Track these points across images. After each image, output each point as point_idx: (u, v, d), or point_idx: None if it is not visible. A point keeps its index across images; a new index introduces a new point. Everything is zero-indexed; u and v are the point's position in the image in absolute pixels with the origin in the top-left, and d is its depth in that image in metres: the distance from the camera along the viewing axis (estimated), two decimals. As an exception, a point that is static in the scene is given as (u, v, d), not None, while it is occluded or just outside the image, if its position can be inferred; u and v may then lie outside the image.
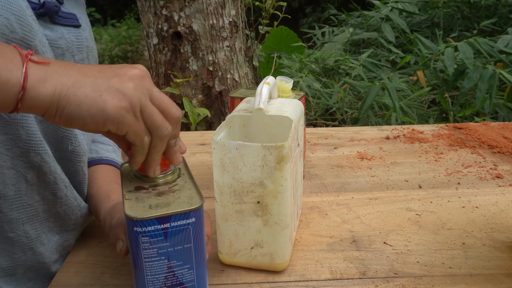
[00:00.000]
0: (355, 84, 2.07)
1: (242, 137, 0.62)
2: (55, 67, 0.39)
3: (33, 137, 0.51)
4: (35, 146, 0.51)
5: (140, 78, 0.42)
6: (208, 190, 0.80)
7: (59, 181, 0.55)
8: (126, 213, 0.42)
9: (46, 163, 0.53)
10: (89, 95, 0.39)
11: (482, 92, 1.78)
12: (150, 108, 0.42)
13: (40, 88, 0.37)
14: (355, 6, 3.71)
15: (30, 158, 0.51)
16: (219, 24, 1.75)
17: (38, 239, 0.54)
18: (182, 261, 0.44)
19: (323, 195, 0.77)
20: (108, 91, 0.39)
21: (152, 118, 0.42)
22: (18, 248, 0.52)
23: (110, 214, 0.55)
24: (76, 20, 0.59)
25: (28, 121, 0.50)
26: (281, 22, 2.08)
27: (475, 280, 0.53)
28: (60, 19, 0.56)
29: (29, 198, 0.52)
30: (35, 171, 0.52)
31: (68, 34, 0.57)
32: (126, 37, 6.82)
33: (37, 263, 0.55)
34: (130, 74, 0.42)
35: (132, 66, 0.44)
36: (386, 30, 2.57)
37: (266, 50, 2.93)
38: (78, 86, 0.39)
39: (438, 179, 0.82)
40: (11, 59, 0.37)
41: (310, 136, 1.09)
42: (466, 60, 1.86)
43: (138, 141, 0.42)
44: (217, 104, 1.82)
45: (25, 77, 0.37)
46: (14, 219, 0.51)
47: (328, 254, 0.59)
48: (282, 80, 0.70)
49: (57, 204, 0.56)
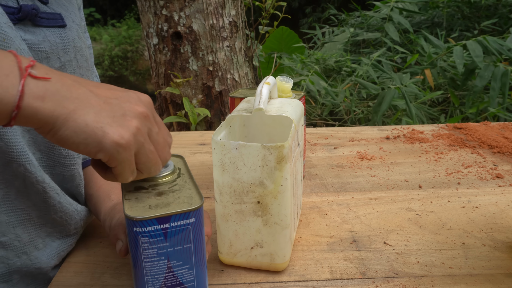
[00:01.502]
0: (366, 84, 2.05)
1: (242, 137, 0.62)
2: (57, 85, 0.37)
3: (13, 148, 0.49)
4: (17, 157, 0.49)
5: (145, 118, 0.41)
6: (208, 190, 0.80)
7: (49, 189, 0.54)
8: (126, 213, 0.42)
9: (31, 173, 0.51)
10: (89, 125, 0.37)
11: (496, 91, 1.76)
12: (146, 149, 0.42)
13: (36, 106, 0.35)
14: (355, 6, 3.71)
15: (14, 169, 0.50)
16: (219, 24, 1.75)
17: (31, 243, 0.54)
18: (182, 261, 0.44)
19: (323, 195, 0.77)
20: (110, 125, 0.38)
21: (145, 158, 0.42)
22: (12, 253, 0.52)
23: (110, 214, 0.55)
24: (61, 20, 0.56)
25: (8, 133, 0.48)
26: (281, 22, 2.08)
27: (475, 280, 0.53)
28: (42, 20, 0.54)
29: (20, 202, 0.52)
30: (21, 180, 0.51)
31: (51, 36, 0.54)
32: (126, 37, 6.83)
33: (34, 268, 0.54)
34: (136, 111, 0.41)
35: (138, 99, 0.42)
36: (390, 30, 2.56)
37: (267, 50, 2.93)
38: (80, 114, 0.37)
39: (438, 179, 0.82)
40: (7, 74, 0.35)
41: (310, 136, 1.09)
42: (476, 58, 1.85)
43: (122, 178, 0.42)
44: (217, 104, 1.82)
45: (21, 95, 0.35)
46: (4, 222, 0.50)
47: (328, 254, 0.59)
48: (282, 80, 0.70)
49: (51, 211, 0.55)
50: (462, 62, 1.94)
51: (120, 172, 0.41)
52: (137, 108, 0.41)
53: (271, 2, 1.94)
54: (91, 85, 0.41)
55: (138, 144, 0.40)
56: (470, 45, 1.91)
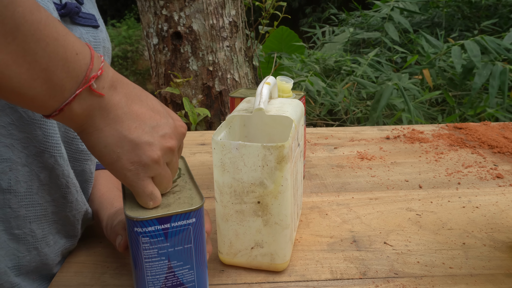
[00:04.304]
0: (365, 83, 2.05)
1: (242, 137, 0.62)
2: (104, 103, 0.39)
3: (49, 138, 0.51)
4: (50, 148, 0.51)
5: (169, 151, 0.43)
6: (208, 190, 0.80)
7: (71, 185, 0.55)
8: (127, 214, 0.42)
9: (60, 166, 0.53)
10: (108, 147, 0.40)
11: (495, 89, 1.76)
12: (162, 176, 0.43)
13: (76, 113, 0.38)
14: (355, 6, 3.71)
15: (44, 159, 0.51)
16: (219, 24, 1.75)
17: (44, 239, 0.54)
18: (182, 261, 0.44)
19: (323, 195, 0.77)
20: (129, 151, 0.40)
21: (159, 184, 0.44)
22: (23, 247, 0.52)
23: (111, 219, 0.55)
24: (95, 20, 0.59)
25: (47, 123, 0.50)
26: (281, 22, 2.08)
27: (475, 280, 0.53)
28: (80, 19, 0.56)
29: (40, 197, 0.52)
30: (48, 172, 0.52)
31: (86, 35, 0.57)
32: (126, 37, 6.82)
33: (41, 264, 0.55)
34: (164, 145, 0.42)
35: (173, 132, 0.44)
36: (390, 30, 2.56)
37: (267, 50, 2.93)
38: (104, 135, 0.40)
39: (438, 179, 0.82)
40: (71, 77, 0.37)
41: (310, 136, 1.09)
42: (474, 58, 1.85)
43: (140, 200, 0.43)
44: (217, 104, 1.82)
45: (68, 103, 0.37)
46: (22, 216, 0.51)
47: (329, 254, 0.59)
48: (282, 80, 0.70)
49: (67, 208, 0.56)
50: (460, 62, 1.94)
51: (136, 194, 0.43)
52: (167, 141, 0.43)
53: (271, 2, 1.94)
54: (139, 105, 0.42)
55: (153, 173, 0.42)
56: (468, 44, 1.91)
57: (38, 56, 0.34)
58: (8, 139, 0.47)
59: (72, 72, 0.36)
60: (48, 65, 0.35)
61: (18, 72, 0.34)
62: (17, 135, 0.48)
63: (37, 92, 0.35)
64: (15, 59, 0.33)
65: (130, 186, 0.42)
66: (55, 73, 0.35)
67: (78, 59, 0.37)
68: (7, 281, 0.50)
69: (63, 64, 0.36)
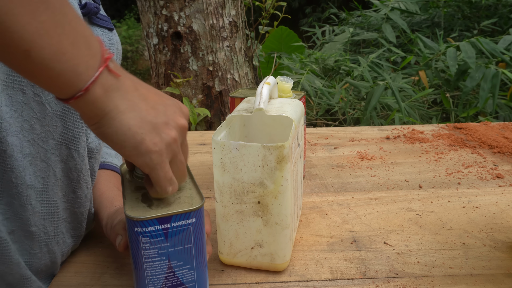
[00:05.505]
0: (357, 84, 2.06)
1: (242, 137, 0.62)
2: (120, 84, 0.39)
3: (68, 131, 0.52)
4: (67, 140, 0.52)
5: (182, 130, 0.43)
6: (208, 190, 0.80)
7: (82, 180, 0.56)
8: (127, 214, 0.42)
9: (73, 159, 0.53)
10: (131, 129, 0.39)
11: (485, 92, 1.77)
12: (178, 159, 0.43)
13: (99, 96, 0.37)
14: (356, 5, 3.71)
15: (61, 152, 0.52)
16: (219, 24, 1.75)
17: (55, 237, 0.54)
18: (182, 261, 0.44)
19: (323, 195, 0.77)
20: (150, 132, 0.40)
21: (176, 168, 0.44)
22: (36, 244, 0.52)
23: (111, 218, 0.55)
24: (110, 23, 0.60)
25: (69, 115, 0.51)
26: (281, 22, 2.08)
27: (475, 280, 0.53)
28: (97, 20, 0.57)
29: (54, 194, 0.53)
30: (62, 165, 0.53)
31: (102, 36, 0.57)
32: (126, 37, 6.82)
33: (50, 262, 0.55)
34: (177, 123, 0.43)
35: (181, 111, 0.44)
36: (387, 30, 2.56)
37: (266, 50, 2.93)
38: (127, 116, 0.39)
39: (438, 179, 0.82)
40: (92, 56, 0.36)
41: (310, 136, 1.09)
42: (468, 59, 1.86)
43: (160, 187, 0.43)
44: (217, 104, 1.82)
45: (94, 80, 0.36)
46: (38, 212, 0.51)
47: (329, 254, 0.59)
48: (282, 80, 0.70)
49: (76, 203, 0.56)
50: (455, 64, 1.95)
51: (156, 180, 0.42)
52: (179, 119, 0.43)
53: (271, 2, 1.94)
54: (144, 88, 0.43)
55: (172, 153, 0.42)
56: (463, 46, 1.91)
57: (66, 30, 0.34)
58: (30, 134, 0.48)
59: (92, 50, 0.36)
60: (74, 40, 0.35)
61: (49, 43, 0.33)
62: (38, 129, 0.48)
63: (65, 68, 0.35)
64: (47, 29, 0.33)
65: (153, 171, 0.41)
66: (81, 49, 0.35)
67: (94, 39, 0.37)
68: (18, 273, 0.49)
69: (85, 41, 0.36)
